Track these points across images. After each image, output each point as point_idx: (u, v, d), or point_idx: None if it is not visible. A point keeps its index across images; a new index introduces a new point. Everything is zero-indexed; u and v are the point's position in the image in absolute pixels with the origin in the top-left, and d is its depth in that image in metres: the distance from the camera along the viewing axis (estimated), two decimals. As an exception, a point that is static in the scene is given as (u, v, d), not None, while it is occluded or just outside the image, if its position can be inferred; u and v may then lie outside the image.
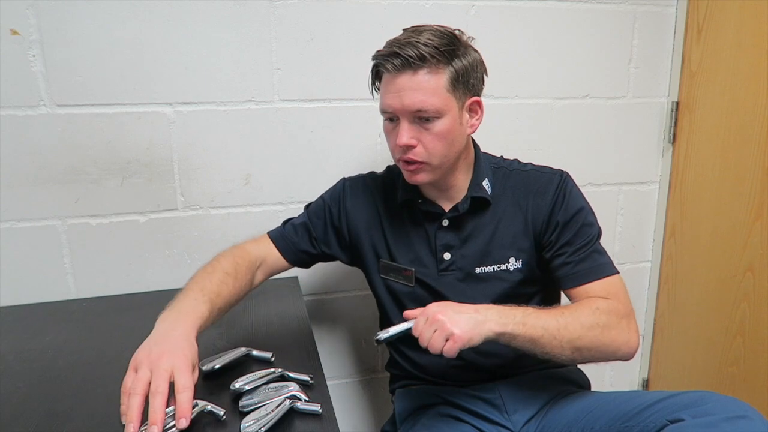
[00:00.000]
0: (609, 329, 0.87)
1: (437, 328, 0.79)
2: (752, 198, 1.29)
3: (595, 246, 0.96)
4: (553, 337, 0.83)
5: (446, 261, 1.00)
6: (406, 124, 0.89)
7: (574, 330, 0.84)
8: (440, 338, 0.78)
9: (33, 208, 1.17)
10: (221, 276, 0.92)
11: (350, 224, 1.07)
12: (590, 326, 0.86)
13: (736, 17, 1.31)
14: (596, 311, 0.88)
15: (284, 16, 1.22)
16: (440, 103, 0.88)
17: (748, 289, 1.32)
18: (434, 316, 0.80)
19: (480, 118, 0.96)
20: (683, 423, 0.72)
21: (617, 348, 0.88)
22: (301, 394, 0.74)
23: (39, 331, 1.03)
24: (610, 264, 0.95)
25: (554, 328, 0.83)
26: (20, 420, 0.74)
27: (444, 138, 0.90)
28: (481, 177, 1.00)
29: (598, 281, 0.93)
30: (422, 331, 0.80)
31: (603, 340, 0.87)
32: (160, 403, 0.66)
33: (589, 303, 0.90)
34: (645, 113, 1.50)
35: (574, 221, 0.96)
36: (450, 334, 0.78)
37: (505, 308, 0.83)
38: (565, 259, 0.95)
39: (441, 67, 0.87)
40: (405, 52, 0.85)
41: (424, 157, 0.91)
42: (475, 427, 0.96)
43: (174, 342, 0.74)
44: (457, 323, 0.78)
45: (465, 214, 0.99)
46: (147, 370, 0.69)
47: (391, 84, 0.89)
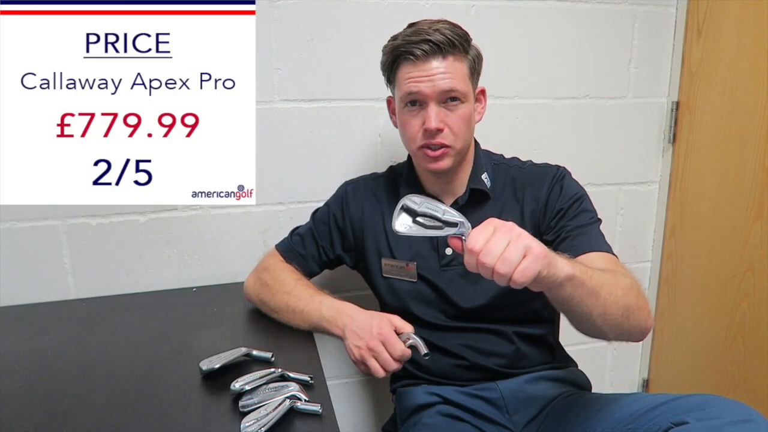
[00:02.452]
0: (640, 293, 0.82)
1: (511, 240, 0.64)
2: (752, 198, 1.29)
3: (593, 227, 0.95)
4: (610, 291, 0.75)
5: (448, 256, 1.00)
6: (435, 108, 0.93)
7: (623, 286, 0.78)
8: (517, 251, 0.63)
9: (33, 208, 1.17)
10: (303, 279, 1.05)
11: (354, 226, 1.08)
12: (629, 287, 0.79)
13: (736, 17, 1.31)
14: (618, 275, 0.81)
15: (284, 16, 1.22)
16: (466, 87, 0.94)
17: (748, 289, 1.32)
18: (504, 227, 0.66)
19: (485, 107, 1.03)
20: (687, 426, 0.72)
21: (646, 322, 0.82)
22: (301, 394, 0.74)
23: (39, 331, 1.03)
24: (610, 247, 0.92)
25: (609, 283, 0.76)
26: (20, 420, 0.74)
27: (467, 122, 0.95)
28: (481, 171, 1.02)
29: (597, 253, 0.89)
30: (490, 243, 0.64)
31: (639, 303, 0.80)
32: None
33: (612, 269, 0.84)
34: (645, 113, 1.50)
35: (573, 207, 0.96)
36: (528, 248, 0.64)
37: (563, 256, 0.73)
38: (564, 235, 0.94)
39: (463, 55, 0.94)
40: (435, 37, 0.90)
41: (451, 140, 0.94)
42: (476, 427, 0.96)
43: (364, 315, 0.91)
44: (532, 239, 0.66)
45: (465, 207, 1.00)
46: (374, 331, 0.86)
47: (419, 69, 0.92)
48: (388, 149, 1.31)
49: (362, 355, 0.87)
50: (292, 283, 1.01)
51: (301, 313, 0.97)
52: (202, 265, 1.29)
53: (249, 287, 1.09)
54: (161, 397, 0.79)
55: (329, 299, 0.97)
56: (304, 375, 0.81)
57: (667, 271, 1.56)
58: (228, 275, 1.29)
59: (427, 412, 1.00)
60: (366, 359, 0.87)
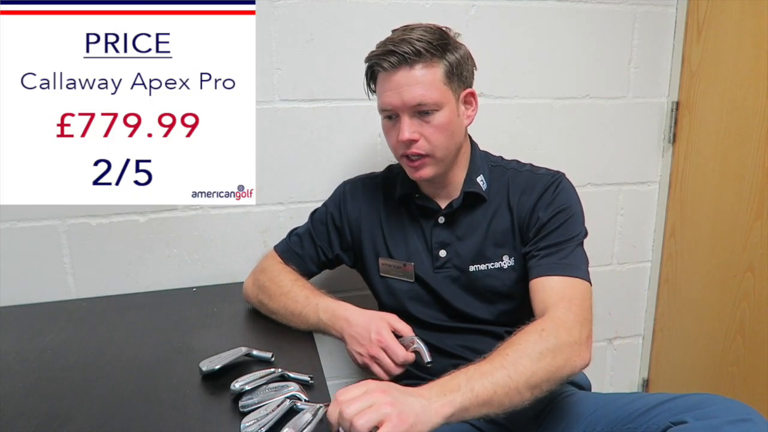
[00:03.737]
0: (560, 350, 0.77)
1: (374, 404, 0.63)
2: (752, 198, 1.29)
3: (570, 245, 0.92)
4: (507, 387, 0.71)
5: (441, 258, 1.00)
6: (407, 119, 0.91)
7: (525, 368, 0.73)
8: (375, 415, 0.62)
9: (33, 208, 1.17)
10: (300, 280, 1.05)
11: (352, 225, 1.08)
12: (540, 356, 0.75)
13: (736, 17, 1.31)
14: (542, 333, 0.78)
15: (284, 16, 1.22)
16: (438, 95, 0.90)
17: (748, 289, 1.32)
18: (377, 391, 0.65)
19: (475, 109, 0.98)
20: (686, 425, 0.72)
21: (573, 367, 0.78)
22: (301, 394, 0.74)
23: (39, 331, 1.03)
24: (581, 269, 0.90)
25: (504, 377, 0.72)
26: (20, 420, 0.74)
27: (445, 130, 0.92)
28: (476, 173, 1.01)
29: (559, 277, 0.88)
30: (356, 401, 0.63)
31: (556, 364, 0.76)
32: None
33: (535, 326, 0.80)
34: (645, 113, 1.50)
35: (555, 219, 0.94)
36: (387, 416, 0.62)
37: (445, 379, 0.71)
38: (534, 251, 0.93)
39: (435, 61, 0.90)
40: (400, 48, 0.88)
41: (427, 149, 0.92)
42: (476, 426, 0.96)
43: (361, 318, 0.91)
44: (397, 406, 0.63)
45: (459, 210, 0.99)
46: (373, 338, 0.87)
47: (389, 81, 0.90)
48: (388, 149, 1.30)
49: (364, 362, 0.88)
50: (289, 285, 1.01)
51: (299, 315, 0.97)
52: (202, 265, 1.29)
53: (248, 289, 1.09)
54: (161, 397, 0.79)
55: (326, 301, 0.96)
56: (304, 375, 0.81)
57: (667, 271, 1.56)
58: (228, 275, 1.29)
59: (426, 412, 1.00)
60: (369, 366, 0.87)
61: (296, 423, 0.67)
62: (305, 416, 0.68)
